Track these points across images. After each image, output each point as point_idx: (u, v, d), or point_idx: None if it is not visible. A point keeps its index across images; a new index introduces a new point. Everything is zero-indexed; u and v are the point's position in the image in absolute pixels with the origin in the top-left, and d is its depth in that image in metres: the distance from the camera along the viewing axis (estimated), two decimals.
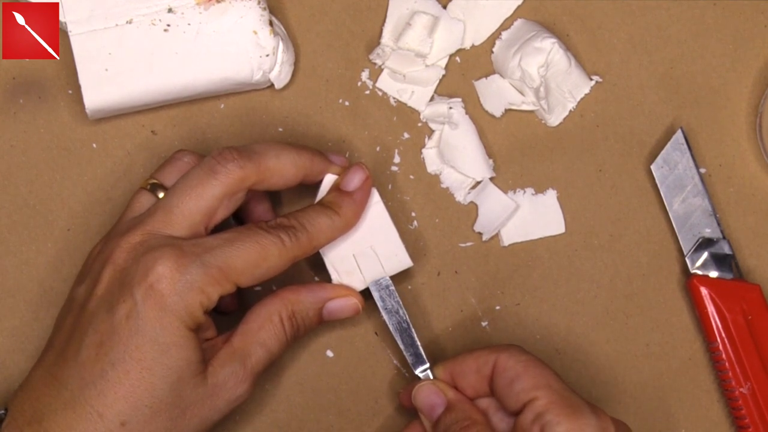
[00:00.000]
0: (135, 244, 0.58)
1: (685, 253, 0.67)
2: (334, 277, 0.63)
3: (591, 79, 0.68)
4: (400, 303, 0.63)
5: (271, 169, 0.60)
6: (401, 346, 0.63)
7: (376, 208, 0.63)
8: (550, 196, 0.68)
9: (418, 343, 0.63)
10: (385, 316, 0.63)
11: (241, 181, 0.59)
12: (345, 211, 0.61)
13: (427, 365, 0.63)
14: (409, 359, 0.63)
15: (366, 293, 0.64)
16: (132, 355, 0.56)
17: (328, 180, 0.63)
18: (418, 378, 0.63)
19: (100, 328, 0.56)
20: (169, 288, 0.56)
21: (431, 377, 0.63)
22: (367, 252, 0.63)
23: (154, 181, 0.61)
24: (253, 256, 0.58)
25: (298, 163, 0.61)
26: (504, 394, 0.59)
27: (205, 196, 0.58)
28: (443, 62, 0.68)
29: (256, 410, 0.66)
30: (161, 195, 0.60)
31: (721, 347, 0.66)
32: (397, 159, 0.68)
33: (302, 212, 0.61)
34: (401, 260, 0.64)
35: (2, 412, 0.58)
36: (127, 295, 0.56)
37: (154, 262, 0.56)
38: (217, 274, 0.57)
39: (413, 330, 0.63)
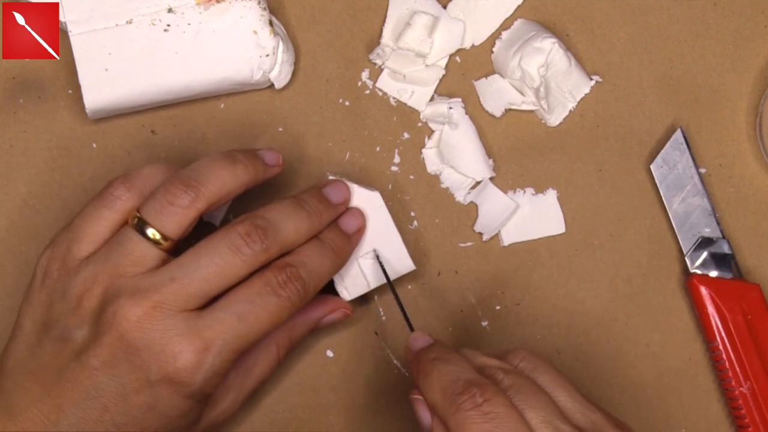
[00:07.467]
0: (143, 316, 0.54)
1: (684, 253, 0.67)
2: (337, 281, 0.63)
3: (591, 79, 0.68)
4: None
5: (289, 248, 0.58)
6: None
7: (380, 212, 0.63)
8: (550, 196, 0.68)
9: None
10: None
11: (264, 263, 0.57)
12: (345, 254, 0.61)
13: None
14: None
15: (365, 295, 0.64)
16: (137, 422, 0.55)
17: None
18: None
19: (104, 393, 0.55)
20: (186, 378, 0.55)
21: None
22: (370, 256, 0.63)
23: (141, 217, 0.56)
24: (266, 328, 0.56)
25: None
26: None
27: (229, 276, 0.56)
28: (443, 62, 0.68)
29: (256, 410, 0.66)
30: (149, 232, 0.56)
31: (721, 347, 0.66)
32: (397, 159, 0.68)
33: (306, 254, 0.58)
34: (404, 264, 0.64)
35: None
36: (139, 375, 0.55)
37: (171, 355, 0.54)
38: (232, 357, 0.56)
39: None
